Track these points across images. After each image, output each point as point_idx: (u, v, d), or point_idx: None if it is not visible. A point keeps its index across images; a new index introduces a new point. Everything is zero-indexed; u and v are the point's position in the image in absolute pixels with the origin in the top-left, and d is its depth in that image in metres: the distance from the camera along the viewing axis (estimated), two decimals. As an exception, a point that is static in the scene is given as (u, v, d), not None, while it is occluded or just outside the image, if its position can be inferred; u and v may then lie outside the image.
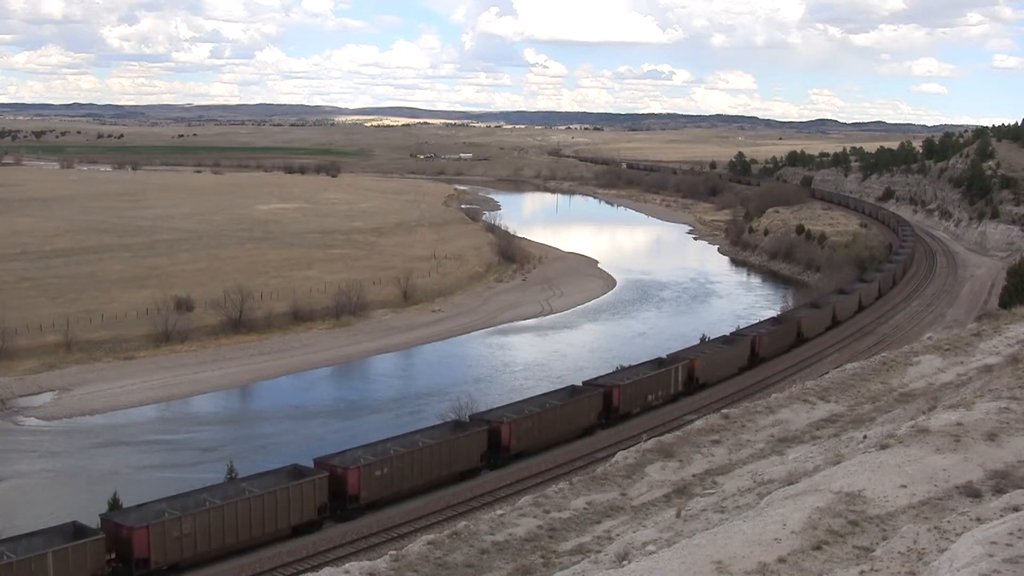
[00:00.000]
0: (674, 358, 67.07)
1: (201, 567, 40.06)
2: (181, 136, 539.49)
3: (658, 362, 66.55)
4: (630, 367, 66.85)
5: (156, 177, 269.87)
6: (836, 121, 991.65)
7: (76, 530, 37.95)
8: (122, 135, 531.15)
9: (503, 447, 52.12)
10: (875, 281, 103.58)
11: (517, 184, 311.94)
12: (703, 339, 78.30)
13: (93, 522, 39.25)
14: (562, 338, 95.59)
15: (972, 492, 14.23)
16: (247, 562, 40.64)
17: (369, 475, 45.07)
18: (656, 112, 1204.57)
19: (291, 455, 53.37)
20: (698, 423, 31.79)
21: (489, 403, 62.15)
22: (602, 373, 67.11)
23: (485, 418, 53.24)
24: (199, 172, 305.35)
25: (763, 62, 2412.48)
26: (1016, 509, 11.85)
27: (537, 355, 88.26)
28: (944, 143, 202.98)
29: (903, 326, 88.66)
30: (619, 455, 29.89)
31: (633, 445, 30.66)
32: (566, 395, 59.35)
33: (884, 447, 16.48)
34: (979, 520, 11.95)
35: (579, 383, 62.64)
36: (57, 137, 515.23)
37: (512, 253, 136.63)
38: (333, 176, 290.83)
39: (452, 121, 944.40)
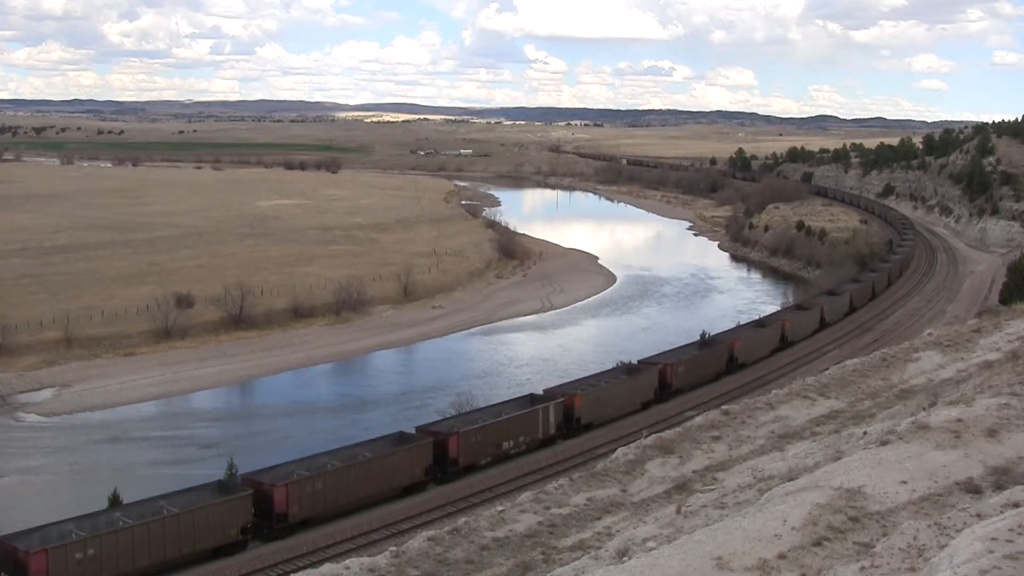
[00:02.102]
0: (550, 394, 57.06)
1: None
2: (181, 132, 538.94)
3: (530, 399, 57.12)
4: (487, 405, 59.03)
5: (156, 173, 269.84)
6: (836, 117, 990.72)
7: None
8: (122, 131, 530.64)
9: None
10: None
11: (517, 180, 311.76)
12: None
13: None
14: (563, 334, 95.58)
15: (972, 488, 14.23)
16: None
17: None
18: (656, 108, 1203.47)
19: (290, 453, 53.42)
20: (698, 419, 31.82)
21: (489, 399, 62.12)
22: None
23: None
24: (199, 168, 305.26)
25: (763, 58, 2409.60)
26: (1016, 505, 11.85)
27: (538, 351, 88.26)
28: (944, 139, 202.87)
29: (903, 323, 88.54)
30: (619, 451, 29.93)
31: (633, 442, 30.68)
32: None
33: (884, 443, 16.49)
34: (979, 516, 11.95)
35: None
36: (57, 133, 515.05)
37: (512, 249, 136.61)
38: (333, 172, 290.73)
39: (452, 117, 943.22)
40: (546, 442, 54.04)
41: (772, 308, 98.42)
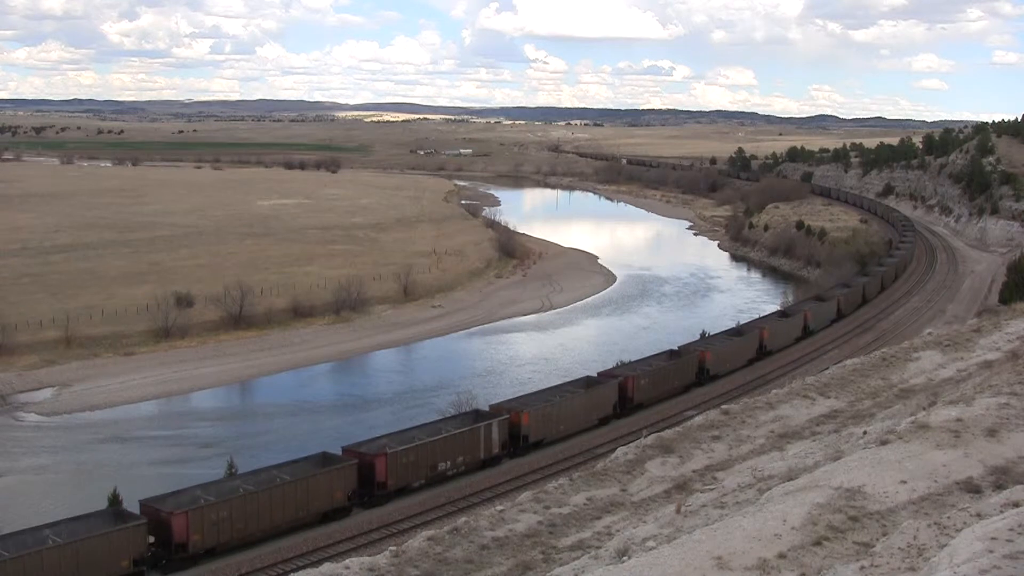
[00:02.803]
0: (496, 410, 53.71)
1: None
2: (181, 132, 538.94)
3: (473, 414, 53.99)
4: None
5: (156, 173, 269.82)
6: (836, 117, 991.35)
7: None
8: (122, 131, 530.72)
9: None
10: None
11: (517, 180, 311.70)
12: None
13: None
14: (563, 333, 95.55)
15: (972, 488, 14.23)
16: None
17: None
18: (656, 108, 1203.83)
19: (291, 452, 53.43)
20: (698, 419, 31.82)
21: (490, 399, 62.01)
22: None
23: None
24: (199, 168, 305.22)
25: (763, 58, 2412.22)
26: (1016, 505, 11.85)
27: (538, 350, 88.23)
28: (944, 139, 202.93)
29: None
30: (619, 451, 29.92)
31: (633, 440, 30.67)
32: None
33: (884, 443, 16.49)
34: (979, 516, 11.95)
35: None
36: (57, 133, 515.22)
37: (512, 249, 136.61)
38: (333, 172, 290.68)
39: (452, 117, 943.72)
40: (489, 462, 50.71)
41: (772, 308, 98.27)
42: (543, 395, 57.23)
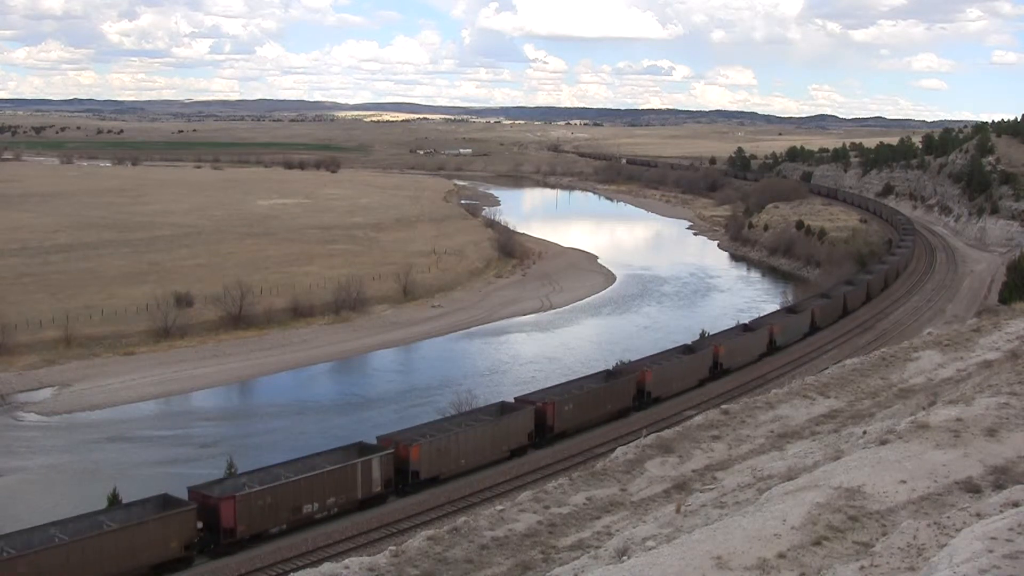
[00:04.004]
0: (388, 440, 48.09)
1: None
2: (181, 132, 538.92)
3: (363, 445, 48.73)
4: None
5: (156, 173, 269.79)
6: (835, 117, 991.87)
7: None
8: (122, 131, 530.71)
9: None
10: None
11: (517, 180, 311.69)
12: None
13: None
14: (563, 333, 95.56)
15: (972, 488, 14.23)
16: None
17: None
18: (656, 108, 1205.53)
19: (290, 452, 53.43)
20: (698, 418, 31.80)
21: (490, 399, 61.97)
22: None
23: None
24: (199, 168, 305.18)
25: (763, 58, 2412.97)
26: (1016, 505, 11.85)
27: (539, 350, 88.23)
28: (944, 138, 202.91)
29: (903, 321, 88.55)
30: (619, 450, 29.90)
31: (632, 440, 30.66)
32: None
33: (884, 443, 16.49)
34: (979, 516, 11.94)
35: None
36: (57, 133, 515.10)
37: (512, 249, 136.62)
38: (333, 172, 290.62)
39: (452, 116, 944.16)
40: (369, 502, 45.36)
41: (771, 308, 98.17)
42: (446, 423, 51.75)
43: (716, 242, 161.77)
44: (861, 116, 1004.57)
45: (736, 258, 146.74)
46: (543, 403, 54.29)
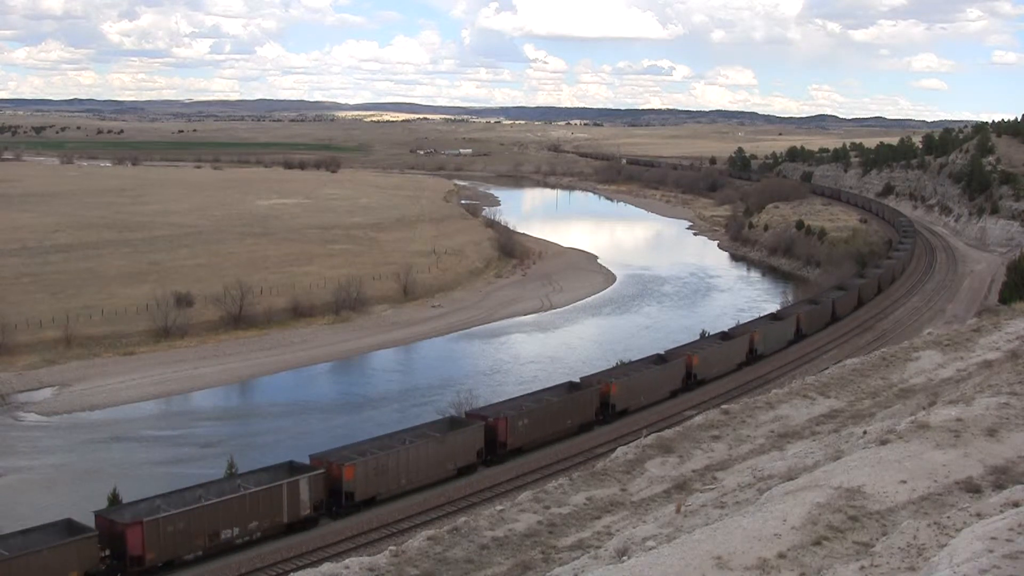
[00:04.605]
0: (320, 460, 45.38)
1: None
2: (181, 132, 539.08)
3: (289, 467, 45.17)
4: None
5: (156, 173, 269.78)
6: (836, 117, 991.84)
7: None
8: (122, 131, 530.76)
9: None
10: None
11: (517, 180, 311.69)
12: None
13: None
14: (563, 333, 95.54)
15: (972, 488, 14.23)
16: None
17: None
18: (656, 108, 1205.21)
19: (290, 452, 53.39)
20: (698, 419, 31.79)
21: (490, 398, 61.97)
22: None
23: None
24: (199, 168, 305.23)
25: (763, 58, 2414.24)
26: (1016, 505, 11.85)
27: (539, 349, 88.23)
28: (944, 138, 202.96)
29: (903, 321, 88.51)
30: (619, 450, 29.89)
31: (632, 440, 30.65)
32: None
33: (884, 443, 16.49)
34: (979, 516, 11.95)
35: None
36: (57, 133, 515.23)
37: (512, 249, 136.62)
38: (333, 172, 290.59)
39: (452, 117, 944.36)
40: (297, 526, 42.77)
41: (772, 307, 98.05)
42: (388, 440, 48.91)
43: (716, 242, 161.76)
44: (861, 116, 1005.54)
45: (736, 258, 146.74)
46: (495, 418, 51.69)
